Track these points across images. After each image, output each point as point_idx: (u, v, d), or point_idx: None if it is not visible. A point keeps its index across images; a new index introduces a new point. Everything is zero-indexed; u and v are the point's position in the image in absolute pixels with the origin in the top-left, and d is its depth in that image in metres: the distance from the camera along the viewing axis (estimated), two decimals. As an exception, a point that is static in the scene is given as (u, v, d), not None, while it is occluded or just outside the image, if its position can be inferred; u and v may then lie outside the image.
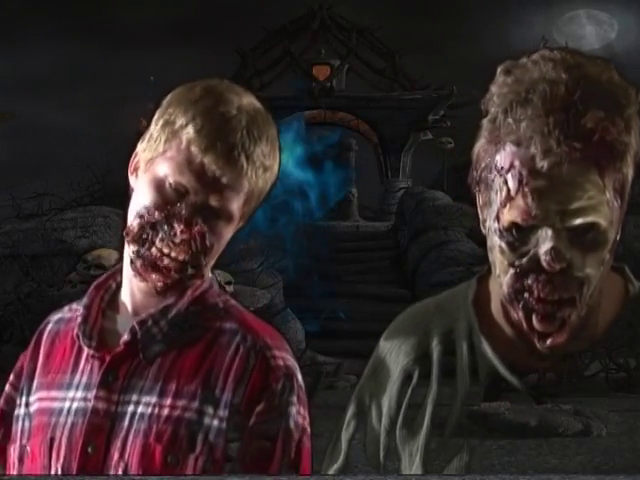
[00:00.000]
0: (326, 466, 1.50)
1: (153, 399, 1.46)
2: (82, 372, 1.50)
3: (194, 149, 1.43)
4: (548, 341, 1.30)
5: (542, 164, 1.24)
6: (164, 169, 1.45)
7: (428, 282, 14.88)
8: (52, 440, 1.47)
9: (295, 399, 1.49)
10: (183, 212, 1.44)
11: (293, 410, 1.49)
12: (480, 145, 1.32)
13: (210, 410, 1.45)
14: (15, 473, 1.52)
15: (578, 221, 1.25)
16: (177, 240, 1.44)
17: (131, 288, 1.51)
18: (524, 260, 1.28)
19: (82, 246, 13.64)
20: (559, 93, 1.25)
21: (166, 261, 1.45)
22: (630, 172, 1.30)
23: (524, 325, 1.30)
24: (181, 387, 1.46)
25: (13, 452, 1.53)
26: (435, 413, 1.40)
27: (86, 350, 1.51)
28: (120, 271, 1.56)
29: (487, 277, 1.41)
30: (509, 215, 1.28)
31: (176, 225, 1.44)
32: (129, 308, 1.52)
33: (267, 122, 1.50)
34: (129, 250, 1.48)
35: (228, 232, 1.49)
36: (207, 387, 1.46)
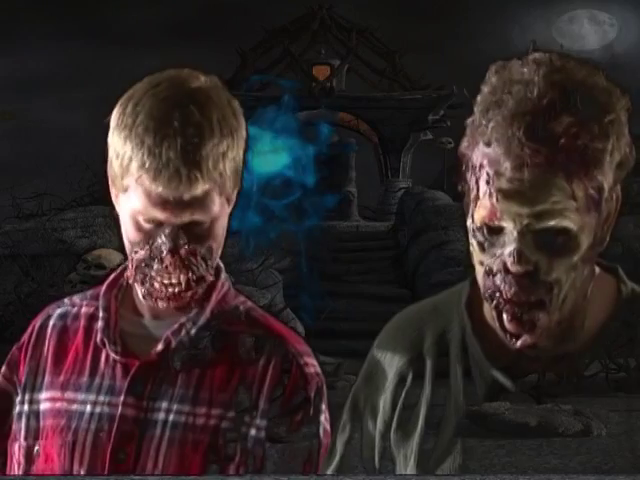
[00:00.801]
0: (323, 469, 1.50)
1: (186, 407, 1.45)
2: (103, 375, 1.49)
3: (146, 183, 1.40)
4: (518, 342, 1.31)
5: (505, 165, 1.25)
6: (132, 206, 1.43)
7: (428, 282, 14.87)
8: (74, 444, 1.45)
9: (324, 406, 1.52)
10: (165, 243, 1.42)
11: (322, 417, 1.52)
12: (462, 145, 1.33)
13: (247, 419, 1.46)
14: (21, 472, 1.50)
15: (542, 225, 1.25)
16: (171, 269, 1.43)
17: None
18: (492, 260, 1.28)
19: (82, 246, 13.63)
20: (531, 96, 1.25)
21: (171, 289, 1.44)
22: (609, 180, 1.29)
23: (497, 324, 1.31)
24: (215, 396, 1.46)
25: (17, 450, 1.51)
26: (429, 415, 1.40)
27: (105, 352, 1.50)
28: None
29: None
30: (478, 214, 1.29)
31: (164, 257, 1.42)
32: (147, 311, 1.51)
33: (206, 102, 1.43)
34: (137, 290, 1.48)
35: (222, 222, 1.47)
36: (242, 396, 1.46)
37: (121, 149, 1.42)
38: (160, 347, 1.47)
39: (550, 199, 1.25)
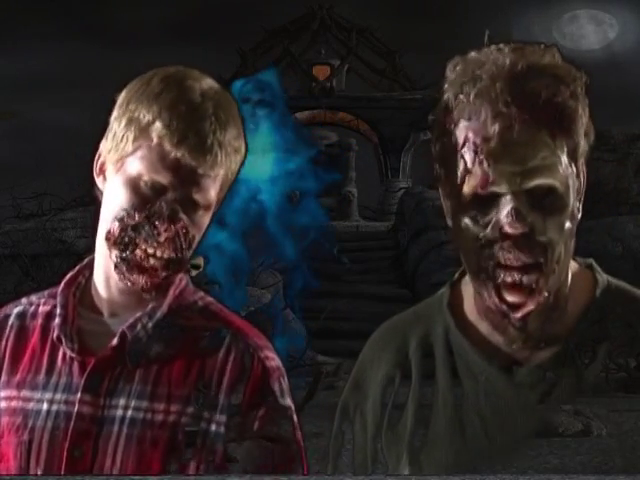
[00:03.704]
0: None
1: (144, 404, 1.43)
2: (59, 373, 1.47)
3: (166, 145, 1.40)
4: (519, 313, 1.32)
5: (493, 128, 1.28)
6: (137, 168, 1.42)
7: (428, 282, 14.86)
8: (30, 442, 1.43)
9: (289, 400, 1.49)
10: (164, 210, 1.41)
11: (289, 412, 1.49)
12: (436, 136, 1.37)
13: (207, 415, 1.44)
14: None
15: (534, 182, 1.29)
16: (161, 239, 1.42)
17: (108, 287, 1.49)
18: (487, 230, 1.30)
19: (82, 246, 13.64)
20: (504, 65, 1.31)
21: (152, 261, 1.43)
22: (582, 142, 1.34)
23: (495, 299, 1.32)
24: (173, 391, 1.44)
25: None
26: (419, 413, 1.41)
27: (62, 350, 1.48)
28: (88, 266, 1.54)
29: (459, 283, 1.46)
30: (468, 188, 1.31)
31: (158, 224, 1.41)
32: (105, 308, 1.50)
33: (230, 103, 1.48)
34: (112, 254, 1.45)
35: (207, 221, 1.47)
36: (202, 391, 1.45)
37: (142, 112, 1.42)
38: (115, 342, 1.46)
39: (539, 155, 1.29)
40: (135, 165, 1.42)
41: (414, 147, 25.31)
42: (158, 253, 1.42)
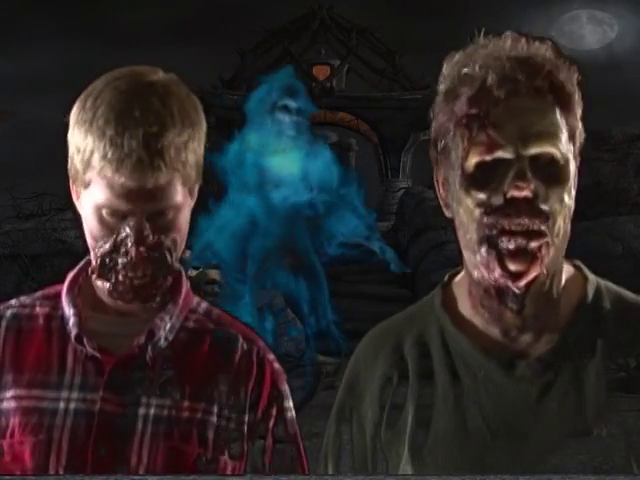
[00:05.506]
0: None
1: (167, 401, 1.46)
2: (73, 372, 1.47)
3: (108, 175, 1.40)
4: (522, 281, 1.32)
5: (499, 92, 1.30)
6: (94, 200, 1.43)
7: (428, 282, 14.85)
8: (50, 441, 1.43)
9: (291, 402, 1.55)
10: (130, 235, 1.42)
11: (292, 414, 1.55)
12: (436, 122, 1.38)
13: (233, 414, 1.48)
14: None
15: (538, 148, 1.30)
16: (137, 262, 1.43)
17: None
18: (492, 197, 1.31)
19: (82, 246, 13.62)
20: (507, 44, 1.34)
21: (137, 282, 1.44)
22: (579, 128, 1.35)
23: (498, 271, 1.32)
24: (196, 390, 1.47)
25: None
26: (418, 412, 1.41)
27: (71, 349, 1.49)
28: (84, 269, 1.56)
29: (450, 284, 1.48)
30: (473, 157, 1.32)
31: (129, 249, 1.42)
32: (113, 309, 1.51)
33: (166, 93, 1.44)
34: (102, 286, 1.47)
35: (185, 214, 1.48)
36: (224, 391, 1.48)
37: (82, 143, 1.42)
38: (142, 340, 1.48)
39: (543, 122, 1.31)
40: (93, 197, 1.44)
41: (414, 147, 25.31)
42: (139, 273, 1.44)
